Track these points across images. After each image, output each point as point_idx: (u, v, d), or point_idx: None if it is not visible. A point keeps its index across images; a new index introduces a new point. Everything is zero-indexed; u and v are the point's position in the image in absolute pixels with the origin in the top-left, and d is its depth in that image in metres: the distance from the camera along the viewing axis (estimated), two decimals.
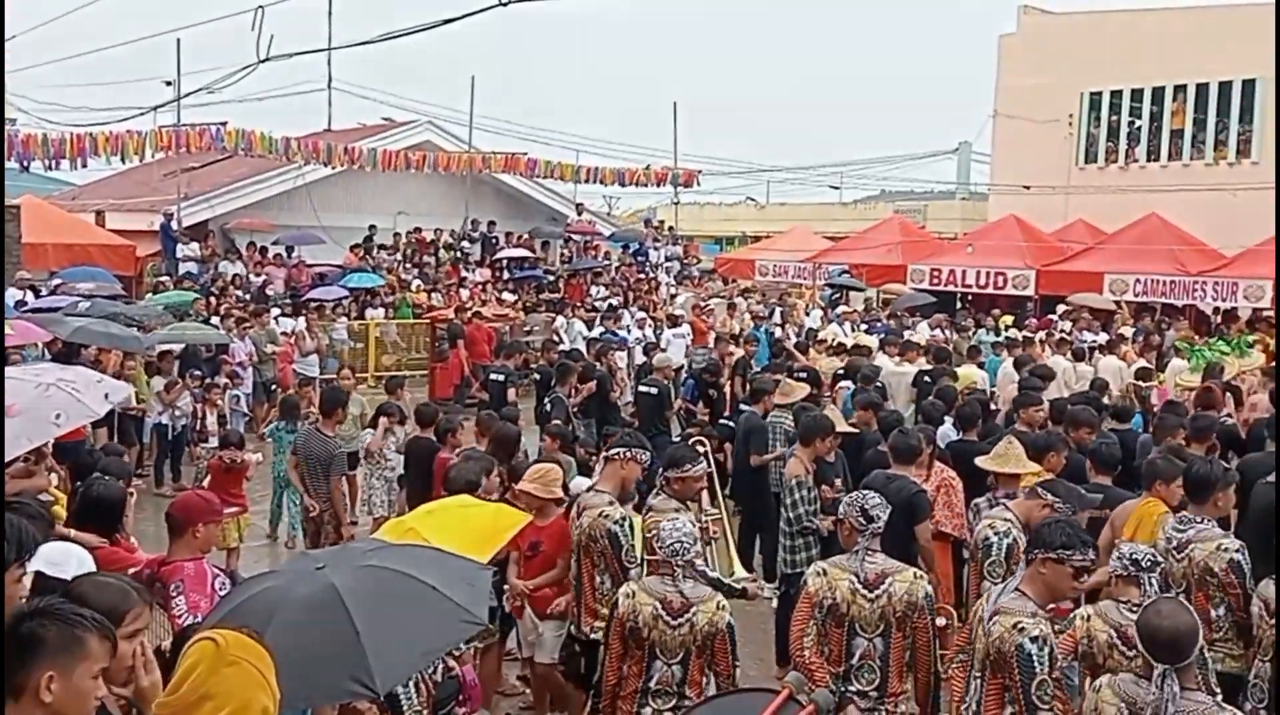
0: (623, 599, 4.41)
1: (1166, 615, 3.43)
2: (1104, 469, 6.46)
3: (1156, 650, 3.37)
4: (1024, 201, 25.74)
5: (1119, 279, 20.57)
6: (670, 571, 4.41)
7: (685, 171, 26.57)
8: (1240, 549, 4.93)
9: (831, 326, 17.21)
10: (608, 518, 5.14)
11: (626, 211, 38.45)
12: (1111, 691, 3.50)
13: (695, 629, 4.36)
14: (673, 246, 25.85)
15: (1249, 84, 24.59)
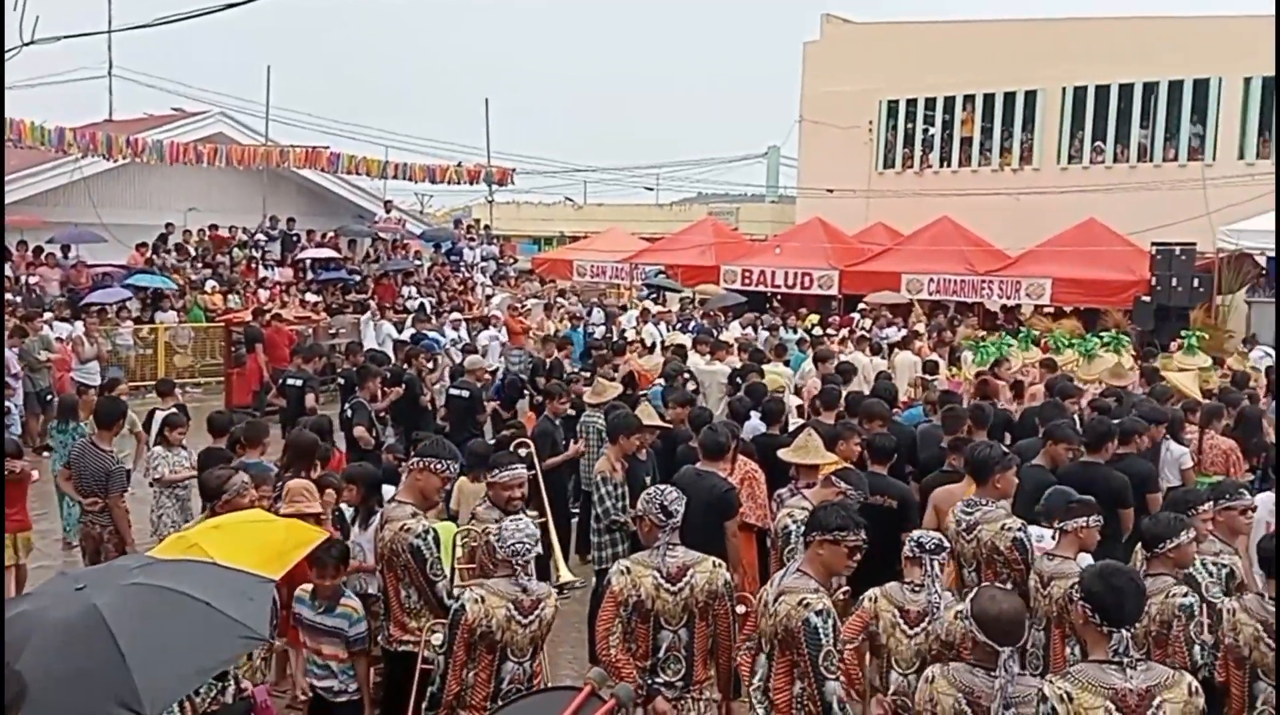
0: (471, 605, 4.31)
1: (1001, 600, 3.64)
2: (880, 458, 6.77)
3: (999, 635, 3.54)
4: (828, 204, 26.91)
5: (914, 278, 21.83)
6: (512, 572, 4.39)
7: (499, 169, 26.37)
8: (1022, 527, 5.32)
9: (648, 327, 17.45)
10: (409, 531, 5.01)
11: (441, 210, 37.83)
12: (947, 681, 3.63)
13: (544, 623, 4.44)
14: (488, 246, 25.62)
15: (1031, 95, 26.53)
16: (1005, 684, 3.46)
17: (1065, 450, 7.03)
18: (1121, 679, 3.36)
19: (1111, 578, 3.54)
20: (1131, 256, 19.97)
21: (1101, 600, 3.46)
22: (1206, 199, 21.73)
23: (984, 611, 3.57)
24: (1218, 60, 23.56)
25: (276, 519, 5.22)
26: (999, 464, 5.51)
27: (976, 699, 3.54)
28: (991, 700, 3.48)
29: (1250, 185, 21.75)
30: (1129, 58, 24.34)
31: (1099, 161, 25.75)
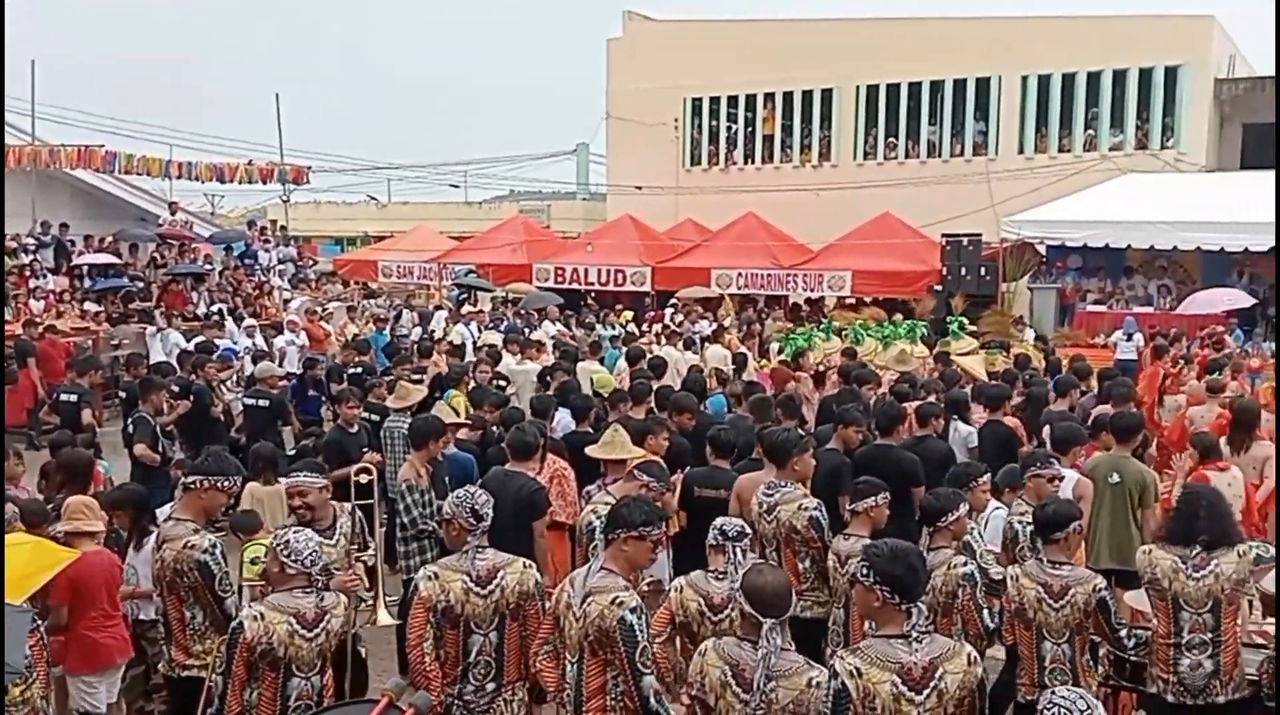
0: (249, 622, 4.13)
1: (767, 573, 3.75)
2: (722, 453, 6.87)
3: (764, 606, 3.63)
4: (639, 201, 27.31)
5: (724, 273, 22.44)
6: (306, 584, 4.26)
7: (293, 168, 25.38)
8: (818, 506, 5.55)
9: (458, 327, 17.23)
10: (195, 548, 4.76)
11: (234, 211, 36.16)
12: (716, 655, 3.71)
13: (330, 635, 4.30)
14: (285, 248, 24.62)
15: (827, 93, 27.70)
16: (767, 655, 3.55)
17: (856, 433, 7.40)
18: (907, 653, 3.54)
19: (904, 557, 3.72)
20: (924, 248, 21.19)
21: (899, 580, 3.61)
22: (991, 192, 23.34)
23: (752, 584, 3.67)
24: (997, 60, 25.28)
25: (24, 540, 4.87)
26: (796, 447, 5.74)
27: (741, 671, 3.61)
28: (755, 672, 3.56)
29: (1029, 178, 23.51)
30: (916, 58, 25.80)
31: (892, 157, 27.17)
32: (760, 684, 3.55)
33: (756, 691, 3.55)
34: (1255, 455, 7.99)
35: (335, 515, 5.40)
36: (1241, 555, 4.61)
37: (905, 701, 3.46)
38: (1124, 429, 7.20)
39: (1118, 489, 6.86)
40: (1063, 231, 19.75)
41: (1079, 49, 24.37)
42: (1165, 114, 24.29)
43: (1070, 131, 25.30)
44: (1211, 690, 4.57)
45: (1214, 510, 4.70)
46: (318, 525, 5.22)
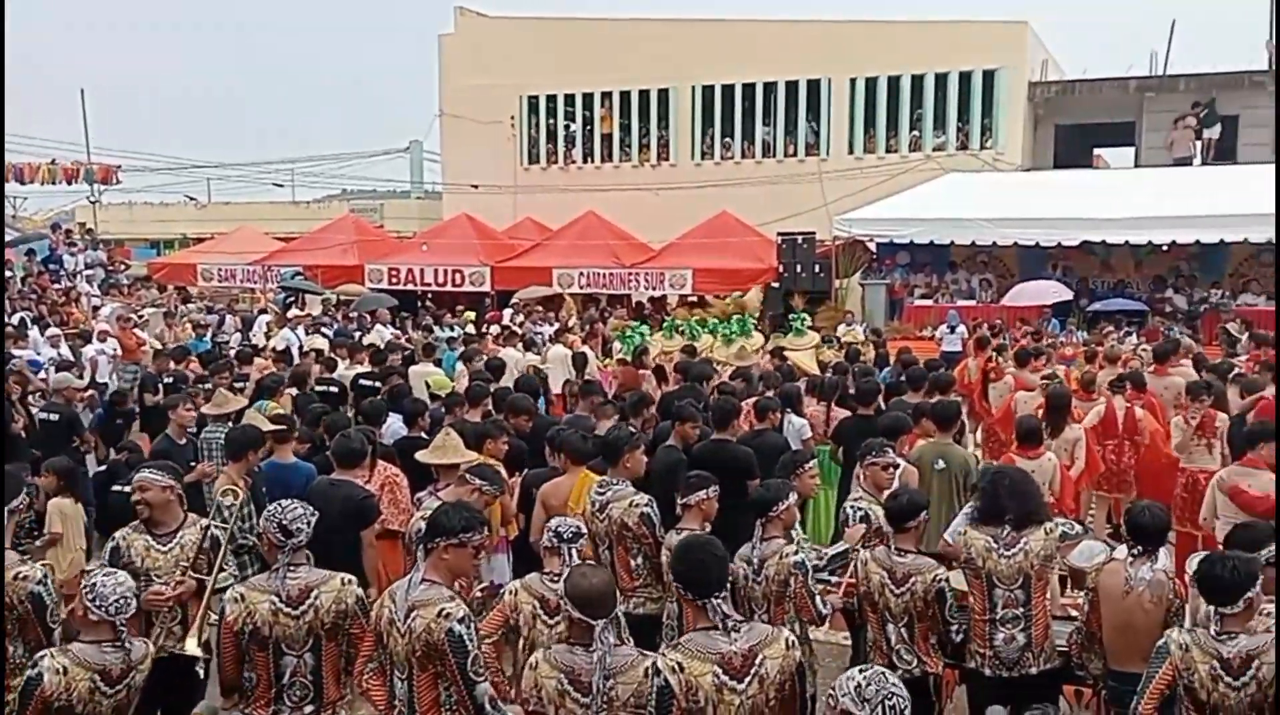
0: (50, 676, 3.82)
1: (591, 575, 3.74)
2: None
3: (593, 608, 3.63)
4: (476, 200, 27.04)
5: (565, 273, 22.45)
6: (112, 637, 3.98)
7: (101, 167, 24.05)
8: (649, 503, 5.60)
9: (284, 331, 16.65)
10: (28, 579, 4.45)
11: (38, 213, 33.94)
12: (549, 665, 3.68)
13: (133, 690, 4.05)
14: (94, 252, 23.28)
15: (664, 93, 28.06)
16: (603, 655, 3.57)
17: (694, 429, 7.52)
18: (727, 643, 3.61)
19: (689, 553, 3.79)
20: (761, 246, 21.75)
21: (684, 576, 3.69)
22: (823, 191, 24.16)
23: (576, 587, 3.67)
24: (826, 63, 26.16)
25: None
26: (627, 444, 5.78)
27: (577, 676, 3.60)
28: (592, 675, 3.56)
29: (859, 178, 24.43)
30: (750, 59, 26.44)
31: (729, 157, 27.75)
32: (600, 685, 3.55)
33: (597, 694, 3.55)
34: (1067, 437, 8.52)
35: (183, 523, 5.14)
36: (1048, 532, 4.90)
37: (728, 691, 3.53)
38: (945, 417, 7.57)
39: (944, 475, 7.20)
40: (891, 229, 20.60)
41: (903, 53, 25.49)
42: (984, 116, 25.64)
43: (897, 132, 26.41)
44: (1025, 662, 4.84)
45: (1019, 491, 4.98)
46: (158, 528, 5.03)
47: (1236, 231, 18.46)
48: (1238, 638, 3.83)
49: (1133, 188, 20.63)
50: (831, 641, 6.90)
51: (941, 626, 4.97)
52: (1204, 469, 7.90)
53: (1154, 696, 3.91)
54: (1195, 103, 24.37)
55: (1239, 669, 3.78)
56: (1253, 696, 3.76)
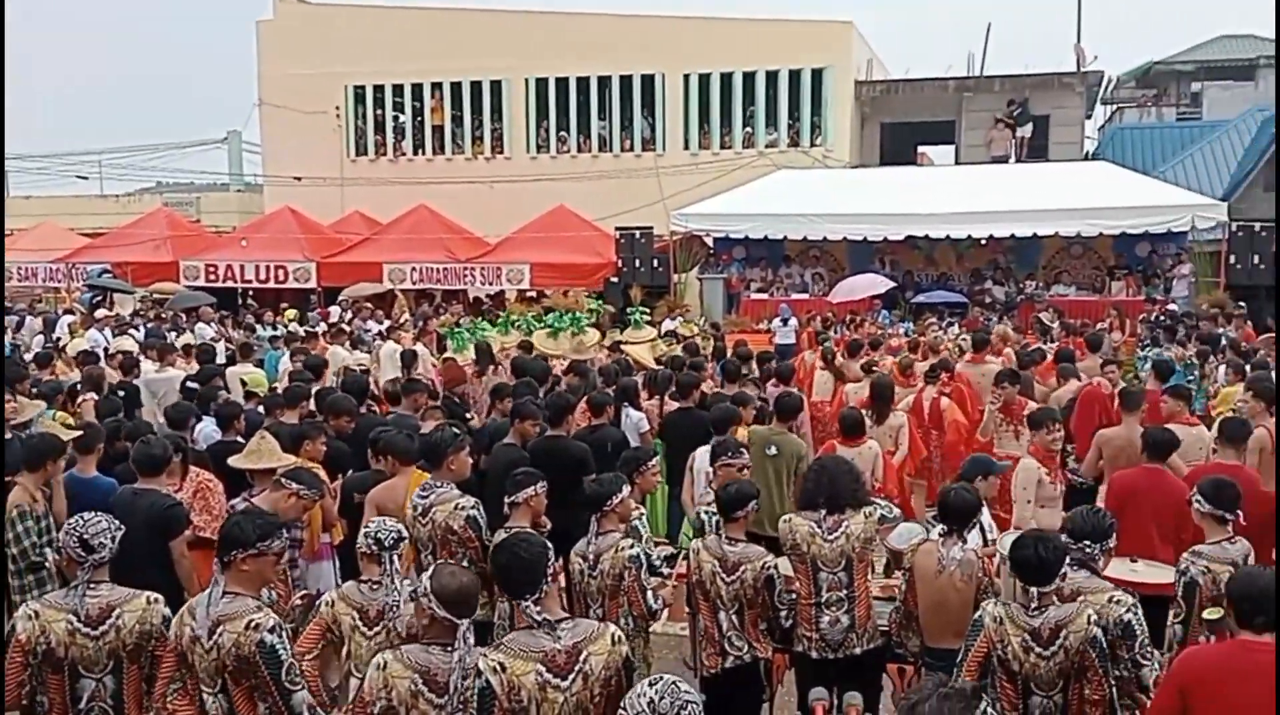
0: None
1: (460, 574, 3.71)
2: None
3: (459, 607, 3.60)
4: (300, 193, 26.17)
5: (397, 268, 22.00)
6: None
7: None
8: (475, 505, 5.52)
9: (90, 333, 15.69)
10: None
11: None
12: (402, 665, 3.60)
13: None
14: None
15: (496, 84, 27.83)
16: (464, 655, 3.56)
17: (533, 427, 7.49)
18: (551, 641, 3.61)
19: (497, 554, 3.81)
20: (599, 240, 21.85)
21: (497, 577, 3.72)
22: (660, 186, 24.45)
23: (444, 586, 3.64)
24: (660, 58, 26.49)
25: None
26: (450, 446, 5.68)
27: (433, 676, 3.58)
28: (449, 675, 3.55)
29: (695, 173, 24.84)
30: (584, 53, 26.52)
31: (565, 151, 27.76)
32: (458, 685, 3.52)
33: (454, 694, 3.52)
34: (892, 425, 8.86)
35: None
36: (868, 516, 5.09)
37: (551, 689, 3.53)
38: (788, 408, 7.78)
39: (776, 461, 7.37)
40: (727, 224, 21.02)
41: (735, 50, 26.06)
42: (813, 113, 26.48)
43: (731, 129, 26.97)
44: (849, 643, 5.01)
45: (840, 478, 5.15)
46: None
47: (1048, 226, 19.62)
48: (1047, 610, 4.05)
49: (953, 184, 21.67)
50: (669, 633, 6.99)
51: (771, 612, 5.09)
52: (1010, 454, 8.30)
53: (972, 668, 4.10)
54: (1010, 102, 25.79)
55: (1048, 639, 4.00)
56: (1061, 665, 3.99)
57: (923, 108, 27.63)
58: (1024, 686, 4.05)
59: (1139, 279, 20.24)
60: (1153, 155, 30.63)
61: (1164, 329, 13.91)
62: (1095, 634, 3.96)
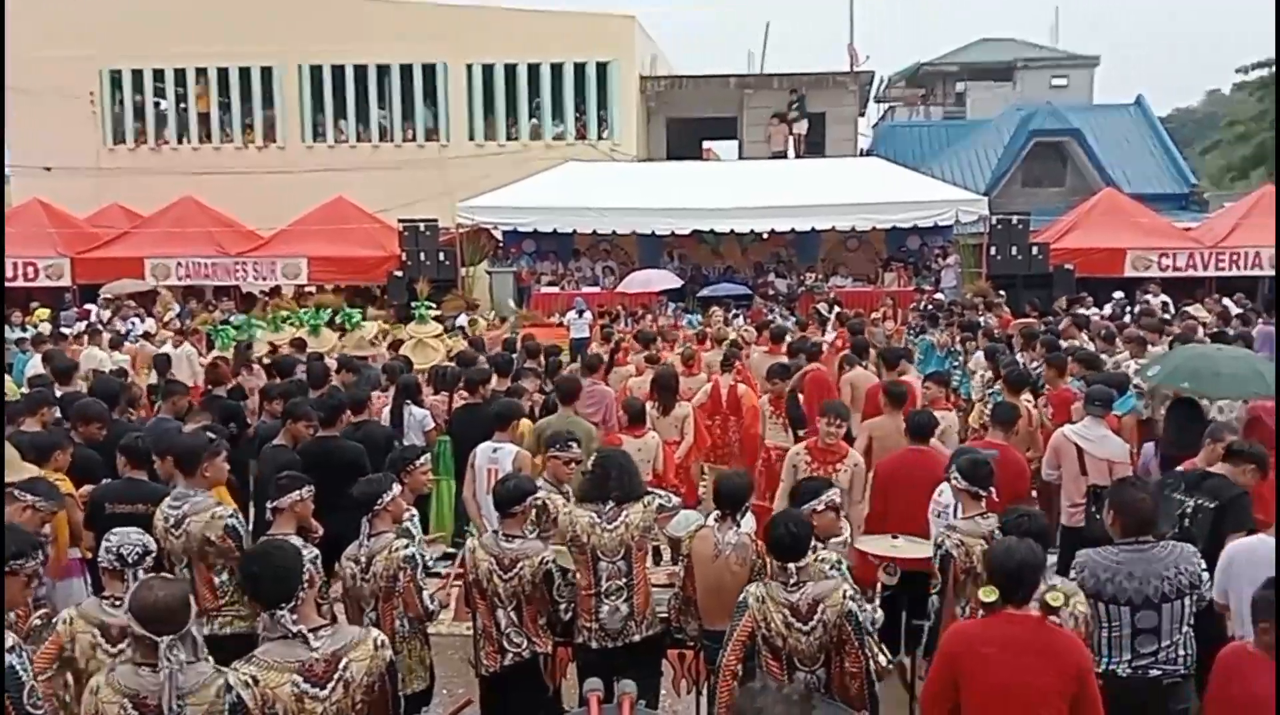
0: None
1: (159, 587, 3.49)
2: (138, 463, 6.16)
3: (156, 624, 3.38)
4: (50, 184, 24.26)
5: (161, 263, 20.83)
6: None
7: None
8: (234, 514, 5.29)
9: None
10: None
11: None
12: (111, 689, 3.41)
13: None
14: None
15: (267, 71, 26.65)
16: (173, 673, 3.37)
17: (307, 428, 7.26)
18: (306, 650, 3.53)
19: (249, 564, 3.71)
20: (381, 233, 21.34)
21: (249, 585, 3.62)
22: (446, 177, 24.09)
23: (140, 601, 3.44)
24: (442, 47, 26.06)
25: None
26: (206, 452, 5.43)
27: (144, 700, 3.38)
28: (159, 697, 3.35)
29: (482, 165, 24.61)
30: (362, 39, 25.75)
31: (343, 140, 26.92)
32: (171, 706, 3.33)
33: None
34: (677, 415, 9.04)
35: None
36: (646, 505, 5.17)
37: (309, 699, 3.46)
38: (566, 391, 7.90)
39: None
40: (515, 217, 20.95)
41: (519, 41, 25.97)
42: (600, 107, 26.73)
43: (517, 120, 26.88)
44: (628, 631, 5.07)
45: (622, 470, 5.21)
46: None
47: (826, 220, 20.57)
48: (805, 586, 4.24)
49: (737, 179, 22.43)
50: (455, 634, 6.90)
51: (551, 606, 5.11)
52: (778, 446, 8.63)
53: (736, 647, 4.25)
54: (789, 100, 26.85)
55: (807, 614, 4.19)
56: (820, 639, 4.18)
57: (706, 104, 28.37)
58: (788, 662, 4.23)
59: (910, 270, 21.49)
60: (922, 152, 32.64)
61: (928, 318, 14.81)
62: (850, 607, 4.17)
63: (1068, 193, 28.38)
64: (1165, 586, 4.49)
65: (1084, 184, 28.28)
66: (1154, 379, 8.04)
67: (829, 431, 6.86)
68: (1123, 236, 21.21)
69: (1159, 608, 4.49)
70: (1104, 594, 4.52)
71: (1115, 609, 4.52)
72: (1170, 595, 4.50)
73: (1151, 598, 4.49)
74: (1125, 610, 4.51)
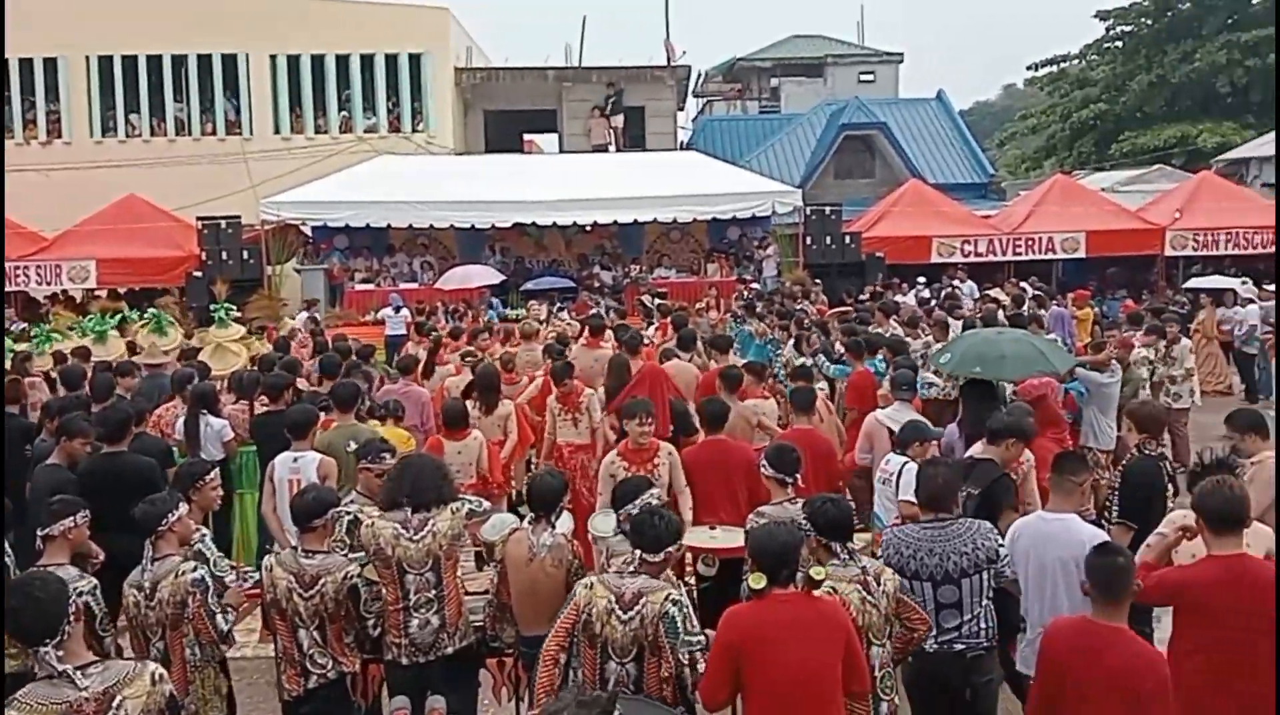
0: None
1: None
2: None
3: None
4: None
5: None
6: None
7: None
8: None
9: None
10: None
11: None
12: None
13: None
14: None
15: (51, 62, 24.90)
16: None
17: (83, 446, 6.85)
18: (74, 690, 3.32)
19: (11, 597, 3.46)
20: (179, 232, 20.24)
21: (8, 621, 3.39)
22: (249, 172, 23.06)
23: None
24: (243, 38, 24.94)
25: None
26: None
27: None
28: None
29: (288, 159, 23.67)
30: (153, 29, 24.36)
31: (135, 135, 25.40)
32: None
33: None
34: (500, 414, 8.83)
35: None
36: (455, 512, 4.98)
37: None
38: (342, 398, 7.52)
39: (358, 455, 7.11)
40: (325, 212, 20.17)
41: (327, 32, 25.11)
42: (414, 99, 26.13)
43: (325, 113, 25.99)
44: (440, 643, 4.87)
45: (424, 475, 5.00)
46: None
47: (648, 212, 20.68)
48: (637, 577, 4.18)
49: (559, 172, 22.28)
50: (261, 656, 6.59)
51: (358, 623, 4.87)
52: (569, 442, 8.54)
53: (559, 634, 4.19)
54: (606, 93, 26.91)
55: (629, 604, 4.13)
56: (636, 632, 4.12)
57: (525, 96, 28.13)
58: (602, 651, 4.16)
59: (732, 261, 21.87)
60: (739, 145, 33.40)
61: (747, 307, 15.09)
62: (669, 610, 4.13)
63: (877, 184, 29.56)
64: (964, 562, 4.62)
65: (891, 175, 29.51)
66: (946, 366, 8.40)
67: (640, 431, 6.66)
68: (928, 225, 22.17)
69: (959, 583, 4.62)
70: (908, 570, 4.63)
71: (919, 585, 4.63)
72: (969, 570, 4.62)
73: (951, 573, 4.61)
74: (928, 586, 4.62)
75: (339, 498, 5.20)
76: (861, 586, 4.26)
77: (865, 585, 4.27)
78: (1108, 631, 3.79)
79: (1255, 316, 15.12)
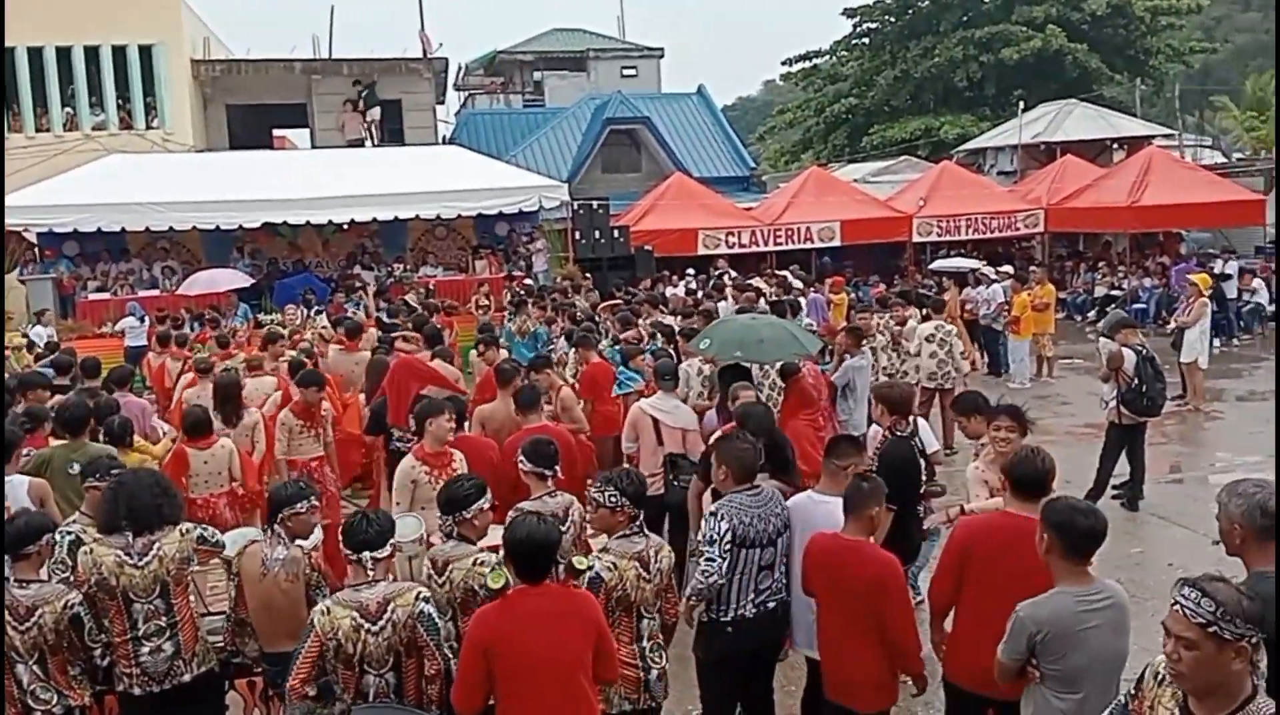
0: None
1: None
2: None
3: None
4: None
5: None
6: None
7: None
8: None
9: None
10: None
11: None
12: None
13: None
14: None
15: None
16: None
17: None
18: None
19: None
20: None
21: None
22: None
23: None
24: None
25: None
26: None
27: None
28: None
29: (22, 158, 21.83)
30: None
31: None
32: None
33: None
34: (247, 424, 8.48)
35: None
36: (184, 533, 4.70)
37: None
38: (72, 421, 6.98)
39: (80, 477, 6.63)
40: (50, 217, 18.70)
41: (46, 23, 23.23)
42: (146, 94, 24.64)
43: (47, 110, 24.16)
44: (176, 671, 4.61)
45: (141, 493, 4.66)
46: None
47: (409, 209, 20.23)
48: (376, 585, 4.06)
49: (311, 168, 21.43)
50: None
51: (84, 655, 4.53)
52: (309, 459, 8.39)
53: (304, 666, 4.00)
54: (357, 82, 26.22)
55: (376, 614, 4.02)
56: (390, 640, 4.02)
57: (272, 90, 27.00)
58: (359, 666, 4.04)
59: (501, 257, 21.74)
60: (504, 140, 33.28)
61: (516, 304, 15.06)
62: (423, 609, 4.08)
63: (643, 177, 30.13)
64: (778, 523, 4.92)
65: (657, 169, 30.17)
66: (708, 351, 8.67)
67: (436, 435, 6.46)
68: (694, 218, 22.79)
69: (775, 543, 4.91)
70: (748, 539, 4.83)
71: (752, 551, 4.83)
72: (780, 530, 4.93)
73: (771, 536, 4.89)
74: (756, 551, 4.84)
75: (53, 522, 4.81)
76: (639, 564, 4.44)
77: (643, 561, 4.45)
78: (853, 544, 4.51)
79: (1000, 295, 16.24)
